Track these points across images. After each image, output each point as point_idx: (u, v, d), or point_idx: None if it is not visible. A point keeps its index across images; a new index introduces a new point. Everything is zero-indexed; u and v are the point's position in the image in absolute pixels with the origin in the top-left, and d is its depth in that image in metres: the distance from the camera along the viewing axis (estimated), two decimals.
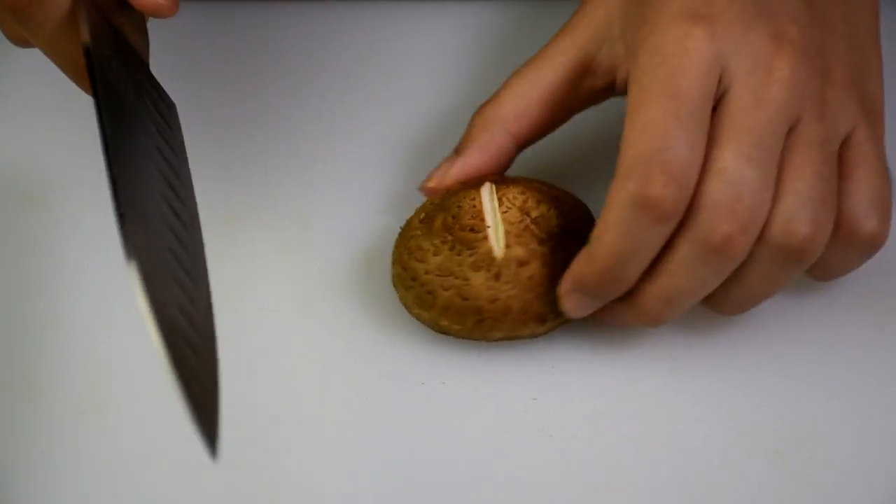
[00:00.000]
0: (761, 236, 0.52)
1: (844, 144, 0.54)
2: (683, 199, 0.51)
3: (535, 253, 0.56)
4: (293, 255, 0.62)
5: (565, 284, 0.55)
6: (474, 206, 0.57)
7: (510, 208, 0.56)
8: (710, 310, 0.56)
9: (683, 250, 0.52)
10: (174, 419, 0.56)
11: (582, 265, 0.54)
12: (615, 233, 0.52)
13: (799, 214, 0.52)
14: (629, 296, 0.54)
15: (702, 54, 0.51)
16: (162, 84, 0.55)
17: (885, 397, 0.57)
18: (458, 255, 0.56)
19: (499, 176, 0.59)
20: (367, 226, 0.62)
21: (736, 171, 0.51)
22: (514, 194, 0.57)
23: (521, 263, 0.55)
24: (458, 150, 0.59)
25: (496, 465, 0.56)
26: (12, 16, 0.51)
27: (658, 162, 0.51)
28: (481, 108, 0.59)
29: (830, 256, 0.54)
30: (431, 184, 0.59)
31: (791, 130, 0.52)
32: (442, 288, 0.56)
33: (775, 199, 0.52)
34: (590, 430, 0.56)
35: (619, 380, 0.57)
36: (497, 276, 0.55)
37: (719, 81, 0.52)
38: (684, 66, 0.51)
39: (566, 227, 0.57)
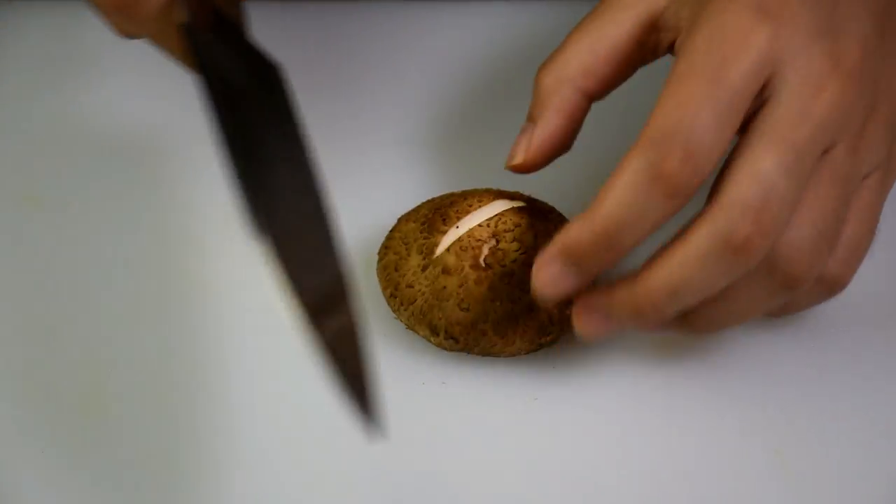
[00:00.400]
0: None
1: None
2: (696, 182, 0.50)
3: (460, 271, 0.56)
4: None
5: (550, 249, 0.53)
6: (470, 206, 0.57)
7: (487, 227, 0.57)
8: (680, 330, 0.55)
9: (702, 243, 0.51)
10: (175, 419, 0.57)
11: (576, 227, 0.52)
12: (620, 198, 0.51)
13: (808, 246, 0.51)
14: (629, 284, 0.53)
15: (760, 52, 0.51)
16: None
17: (885, 397, 0.57)
18: (421, 233, 0.57)
19: (543, 205, 0.59)
20: (369, 225, 0.62)
21: (772, 177, 0.50)
22: (508, 219, 0.57)
23: (445, 272, 0.56)
24: (531, 117, 0.57)
25: (497, 464, 0.56)
26: (117, 13, 0.51)
27: (682, 139, 0.50)
28: (547, 67, 0.57)
29: None
30: (518, 160, 0.57)
31: (823, 153, 0.52)
32: (393, 251, 0.58)
33: (792, 220, 0.51)
34: (590, 430, 0.56)
35: (619, 379, 0.57)
36: (423, 269, 0.56)
37: (765, 84, 0.51)
38: (739, 56, 0.51)
39: (510, 272, 0.56)
